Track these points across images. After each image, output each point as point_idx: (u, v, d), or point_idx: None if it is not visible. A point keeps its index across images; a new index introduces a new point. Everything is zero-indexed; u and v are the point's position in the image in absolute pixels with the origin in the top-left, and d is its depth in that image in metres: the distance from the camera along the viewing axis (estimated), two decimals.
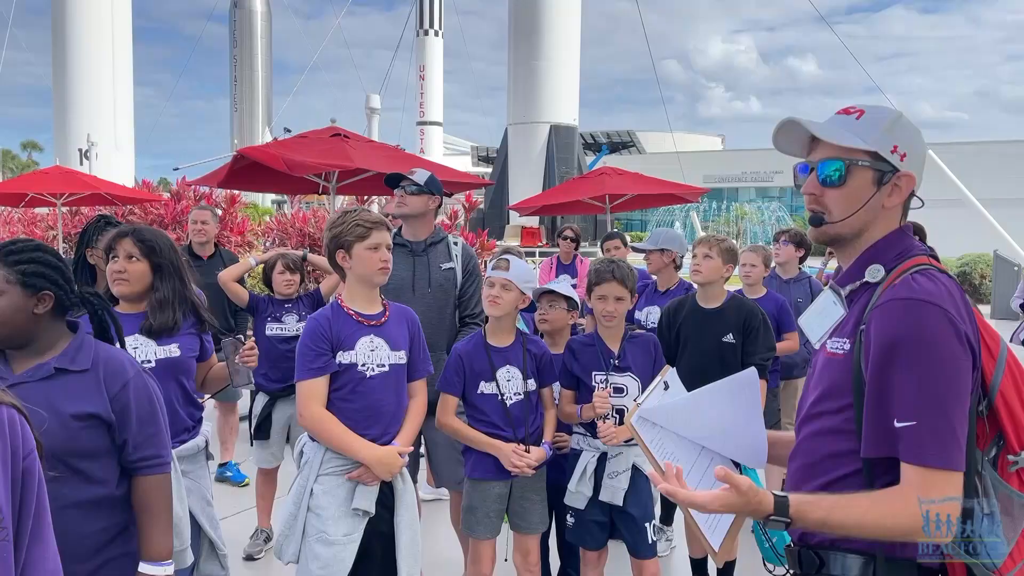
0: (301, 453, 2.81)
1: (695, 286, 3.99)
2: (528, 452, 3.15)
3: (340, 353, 2.73)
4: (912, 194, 1.64)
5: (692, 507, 1.48)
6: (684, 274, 4.77)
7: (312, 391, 2.71)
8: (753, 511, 1.46)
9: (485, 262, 6.54)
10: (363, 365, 2.75)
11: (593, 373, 3.28)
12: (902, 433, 1.43)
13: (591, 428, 3.25)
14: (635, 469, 3.24)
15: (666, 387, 2.03)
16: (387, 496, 2.79)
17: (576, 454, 3.34)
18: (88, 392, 2.05)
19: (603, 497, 3.21)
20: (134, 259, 2.74)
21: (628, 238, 6.36)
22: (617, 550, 3.63)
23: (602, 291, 3.27)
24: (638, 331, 3.48)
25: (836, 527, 1.46)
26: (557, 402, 3.40)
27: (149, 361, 2.72)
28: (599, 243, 6.30)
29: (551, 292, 3.51)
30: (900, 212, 1.63)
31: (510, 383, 3.20)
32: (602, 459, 3.24)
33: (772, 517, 1.45)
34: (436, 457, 3.77)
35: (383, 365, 2.79)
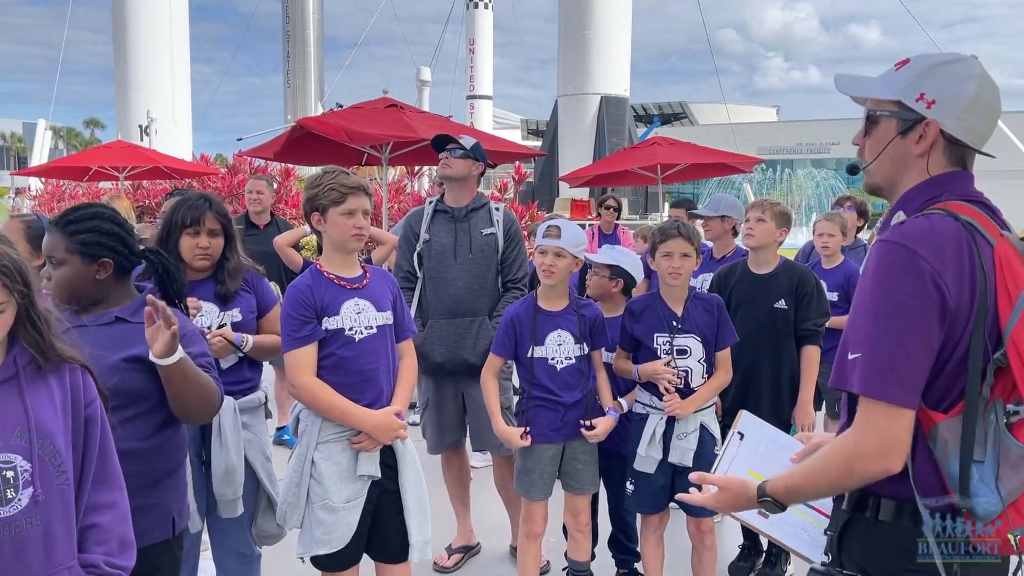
0: (297, 420, 2.78)
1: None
2: (594, 427, 3.23)
3: (325, 319, 2.67)
4: (957, 142, 1.58)
5: (702, 504, 1.77)
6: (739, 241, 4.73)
7: (301, 360, 2.65)
8: (749, 501, 1.66)
9: (529, 233, 6.54)
10: (351, 329, 2.69)
11: (655, 335, 3.27)
12: (852, 365, 1.49)
13: (657, 391, 3.25)
14: (702, 428, 3.25)
15: (741, 437, 1.99)
16: (388, 455, 2.77)
17: (634, 418, 3.36)
18: (141, 339, 2.09)
19: (672, 459, 3.22)
20: (216, 234, 2.85)
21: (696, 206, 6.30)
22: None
23: (668, 248, 3.24)
24: (702, 291, 3.46)
25: (797, 488, 1.59)
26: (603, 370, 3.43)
27: (213, 327, 2.84)
28: (667, 209, 6.25)
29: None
30: (939, 160, 1.60)
31: (561, 347, 3.22)
32: (670, 421, 3.25)
33: (759, 500, 1.62)
34: (477, 421, 3.79)
35: (371, 327, 2.73)
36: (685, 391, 3.23)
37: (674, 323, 3.26)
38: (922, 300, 1.44)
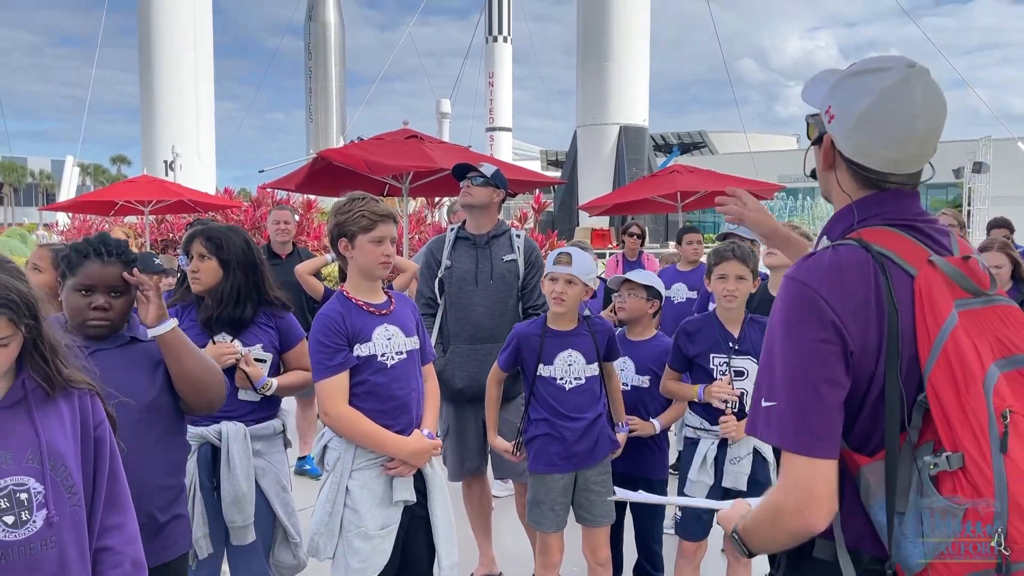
0: (325, 449, 2.74)
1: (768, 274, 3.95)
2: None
3: (357, 346, 2.65)
4: (855, 163, 1.45)
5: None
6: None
7: (335, 389, 2.61)
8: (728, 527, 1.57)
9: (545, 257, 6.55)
10: (383, 355, 2.68)
11: (712, 356, 3.25)
12: (767, 414, 1.40)
13: (709, 415, 3.23)
14: (755, 452, 3.21)
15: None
16: (418, 480, 2.76)
17: (650, 444, 3.32)
18: (155, 353, 2.27)
19: (726, 483, 3.20)
20: (204, 258, 2.87)
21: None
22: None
23: (723, 270, 3.23)
24: (760, 315, 3.47)
25: (748, 533, 1.49)
26: (619, 382, 3.41)
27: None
28: (676, 239, 6.24)
29: (629, 280, 3.53)
30: (848, 180, 1.49)
31: (571, 367, 3.19)
32: (721, 445, 3.22)
33: (731, 532, 1.54)
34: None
35: (401, 352, 2.72)
36: (740, 414, 3.20)
37: (731, 344, 3.24)
38: (825, 343, 1.34)
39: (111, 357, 2.17)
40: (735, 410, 3.20)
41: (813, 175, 1.63)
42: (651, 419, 3.43)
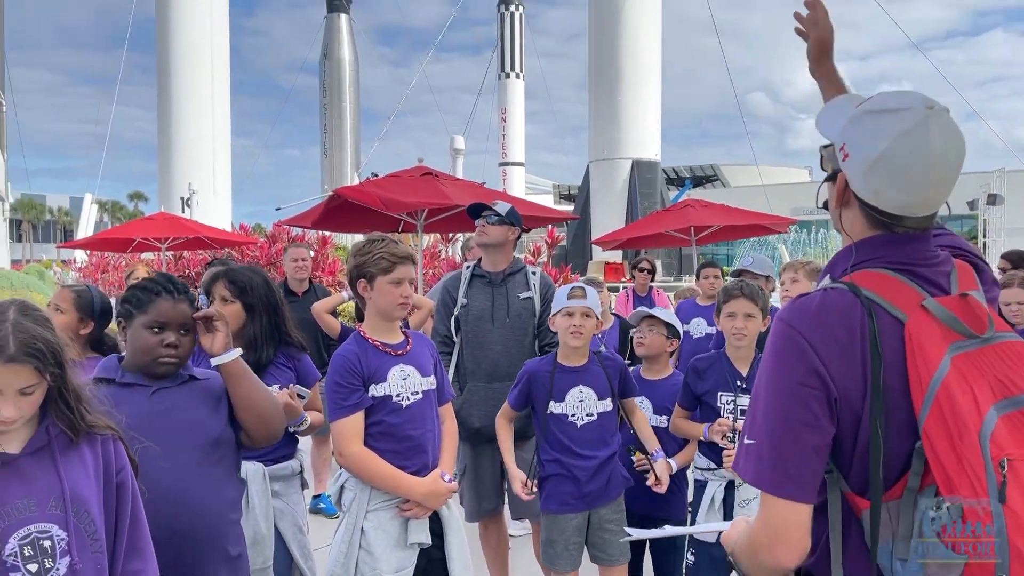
0: (342, 489, 2.74)
1: None
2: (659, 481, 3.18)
3: (373, 386, 2.67)
4: (868, 203, 1.42)
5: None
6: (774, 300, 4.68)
7: (350, 430, 2.63)
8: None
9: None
10: (398, 395, 2.69)
11: (719, 394, 3.22)
12: (748, 451, 1.41)
13: (715, 456, 3.19)
14: None
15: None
16: (434, 522, 2.75)
17: (683, 483, 3.28)
18: (217, 389, 2.26)
19: None
20: (227, 302, 2.88)
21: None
22: None
23: (731, 308, 3.22)
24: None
25: (737, 556, 1.52)
26: (643, 415, 3.39)
27: None
28: (695, 273, 6.22)
29: (651, 316, 3.51)
30: (857, 219, 1.46)
31: (583, 404, 3.18)
32: (729, 487, 3.18)
33: (729, 554, 1.59)
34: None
35: (417, 393, 2.73)
36: None
37: (739, 382, 3.22)
38: (808, 388, 1.34)
39: (173, 395, 2.17)
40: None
41: (825, 206, 1.61)
42: (667, 458, 3.40)
